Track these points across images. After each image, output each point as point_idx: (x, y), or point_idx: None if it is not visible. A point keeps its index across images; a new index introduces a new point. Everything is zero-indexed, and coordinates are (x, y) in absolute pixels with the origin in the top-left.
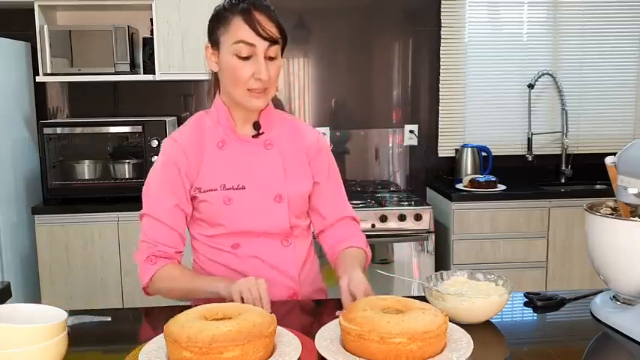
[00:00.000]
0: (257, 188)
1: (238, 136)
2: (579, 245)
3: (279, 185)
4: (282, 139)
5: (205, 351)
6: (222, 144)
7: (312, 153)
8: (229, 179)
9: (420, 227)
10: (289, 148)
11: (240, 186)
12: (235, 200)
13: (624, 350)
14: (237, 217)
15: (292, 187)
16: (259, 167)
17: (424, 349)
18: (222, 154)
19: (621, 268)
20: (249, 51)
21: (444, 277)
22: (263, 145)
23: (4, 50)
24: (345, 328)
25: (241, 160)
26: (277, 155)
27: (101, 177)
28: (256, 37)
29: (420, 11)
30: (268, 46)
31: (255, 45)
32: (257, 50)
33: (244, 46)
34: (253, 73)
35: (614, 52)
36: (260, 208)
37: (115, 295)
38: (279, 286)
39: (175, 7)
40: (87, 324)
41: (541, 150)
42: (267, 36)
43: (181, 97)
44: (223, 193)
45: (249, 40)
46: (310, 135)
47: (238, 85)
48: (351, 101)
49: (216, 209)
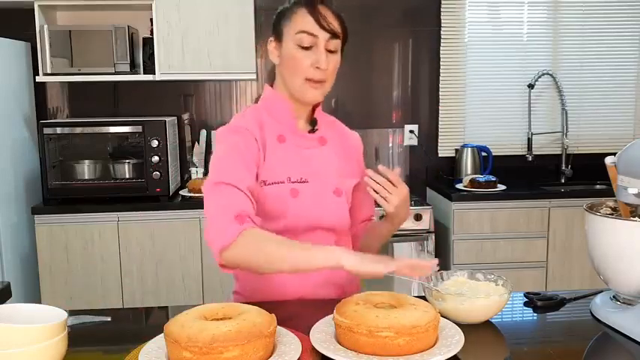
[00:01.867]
0: (318, 182)
1: (297, 130)
2: (579, 245)
3: (336, 180)
4: (330, 137)
5: (205, 351)
6: (282, 138)
7: (357, 153)
8: (294, 172)
9: (420, 227)
10: (337, 145)
11: (304, 179)
12: (301, 193)
13: (624, 350)
14: (303, 209)
15: (344, 182)
16: (317, 162)
17: (412, 344)
18: (283, 147)
19: (621, 268)
20: (311, 41)
21: (444, 277)
22: (318, 140)
23: (4, 50)
24: (337, 321)
25: (302, 155)
26: (331, 151)
27: (101, 177)
28: (318, 28)
29: (420, 11)
30: (329, 38)
31: (317, 36)
32: (318, 41)
33: (306, 36)
34: (312, 62)
35: (614, 52)
36: (323, 202)
37: (115, 295)
38: (331, 286)
39: (175, 7)
40: (87, 324)
41: (541, 150)
42: (328, 28)
43: (181, 97)
44: (290, 185)
45: (311, 30)
46: (353, 135)
47: (297, 74)
48: (351, 101)
49: (283, 202)
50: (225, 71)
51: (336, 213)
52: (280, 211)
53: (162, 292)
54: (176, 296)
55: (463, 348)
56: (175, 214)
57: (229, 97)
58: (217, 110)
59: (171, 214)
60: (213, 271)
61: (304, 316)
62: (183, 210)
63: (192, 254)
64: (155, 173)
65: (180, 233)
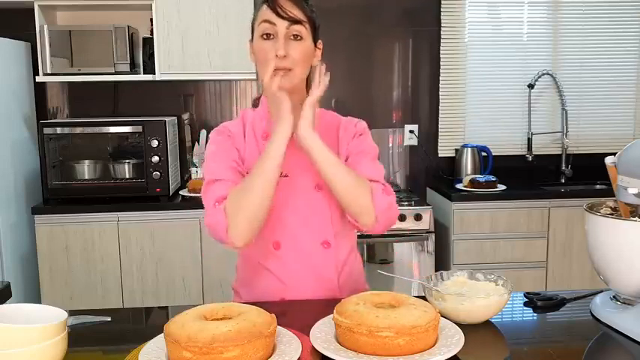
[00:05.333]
0: (299, 177)
1: None
2: (579, 245)
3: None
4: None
5: (205, 351)
6: (267, 135)
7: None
8: None
9: (420, 227)
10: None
11: (284, 174)
12: (279, 188)
13: (624, 350)
14: (281, 203)
15: None
16: (300, 157)
17: (412, 344)
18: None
19: (621, 268)
20: (271, 29)
21: (444, 277)
22: None
23: (4, 50)
24: (337, 321)
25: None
26: None
27: (101, 177)
28: (275, 16)
29: (420, 11)
30: (288, 25)
31: (276, 24)
32: (277, 29)
33: (266, 24)
34: (274, 51)
35: (614, 52)
36: (302, 196)
37: (115, 295)
38: (318, 290)
39: (175, 7)
40: (87, 324)
41: (541, 150)
42: (285, 15)
43: (181, 97)
44: None
45: (269, 18)
46: (351, 121)
47: (265, 66)
48: (351, 101)
49: None
50: (225, 71)
51: (316, 207)
52: None
53: (162, 292)
54: (176, 296)
55: (463, 348)
56: (175, 214)
57: (229, 97)
58: (217, 110)
59: (171, 214)
60: (213, 271)
61: (304, 316)
62: (184, 210)
63: (192, 254)
64: (155, 173)
65: (180, 233)
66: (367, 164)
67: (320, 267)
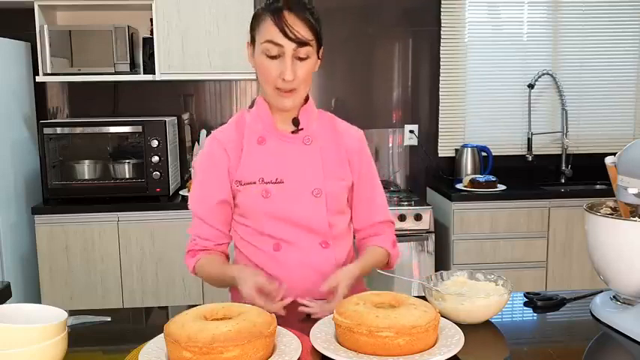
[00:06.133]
0: (296, 182)
1: (278, 131)
2: (579, 245)
3: (317, 180)
4: (322, 136)
5: (205, 351)
6: (262, 139)
7: (353, 152)
8: (268, 173)
9: (420, 227)
10: (329, 146)
11: (279, 180)
12: (274, 194)
13: (624, 350)
14: (275, 210)
15: (330, 183)
16: (298, 162)
17: (412, 344)
18: (262, 149)
19: (621, 268)
20: (277, 51)
21: (444, 277)
22: (302, 140)
23: (4, 50)
24: (337, 321)
25: (280, 155)
26: (316, 151)
27: (101, 177)
28: (283, 38)
29: (420, 11)
30: (296, 47)
31: (283, 46)
32: (285, 50)
33: (272, 46)
34: (280, 73)
35: (614, 52)
36: (298, 202)
37: (115, 295)
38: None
39: (175, 7)
40: (87, 324)
41: (541, 150)
42: (294, 37)
43: (181, 97)
44: (262, 186)
45: (276, 40)
46: (352, 134)
47: (267, 82)
48: (351, 101)
49: (254, 202)
50: (225, 71)
51: (312, 214)
52: (252, 210)
53: (162, 292)
54: (176, 296)
55: (463, 348)
56: (175, 214)
57: (229, 97)
58: (217, 110)
59: (171, 214)
60: None
61: (303, 316)
62: (184, 210)
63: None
64: (155, 173)
65: (180, 233)
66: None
67: (319, 266)
